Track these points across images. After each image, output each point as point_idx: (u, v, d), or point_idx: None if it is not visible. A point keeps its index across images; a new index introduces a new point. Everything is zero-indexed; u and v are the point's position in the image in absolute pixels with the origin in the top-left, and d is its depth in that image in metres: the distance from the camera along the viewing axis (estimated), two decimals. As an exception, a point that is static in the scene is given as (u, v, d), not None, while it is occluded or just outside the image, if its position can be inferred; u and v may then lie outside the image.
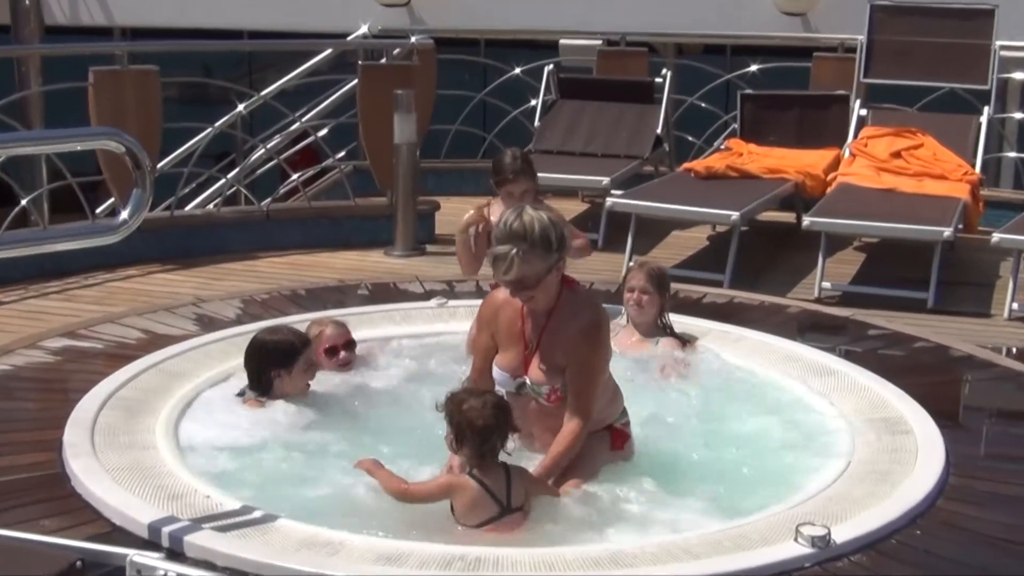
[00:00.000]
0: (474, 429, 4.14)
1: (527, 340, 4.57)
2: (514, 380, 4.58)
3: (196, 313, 6.55)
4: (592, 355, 4.49)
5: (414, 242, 8.52)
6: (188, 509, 4.11)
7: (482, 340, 4.73)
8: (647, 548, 3.93)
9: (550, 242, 4.38)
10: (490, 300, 4.75)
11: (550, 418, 4.55)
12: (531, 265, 4.36)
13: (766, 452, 4.89)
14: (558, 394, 4.51)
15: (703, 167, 8.94)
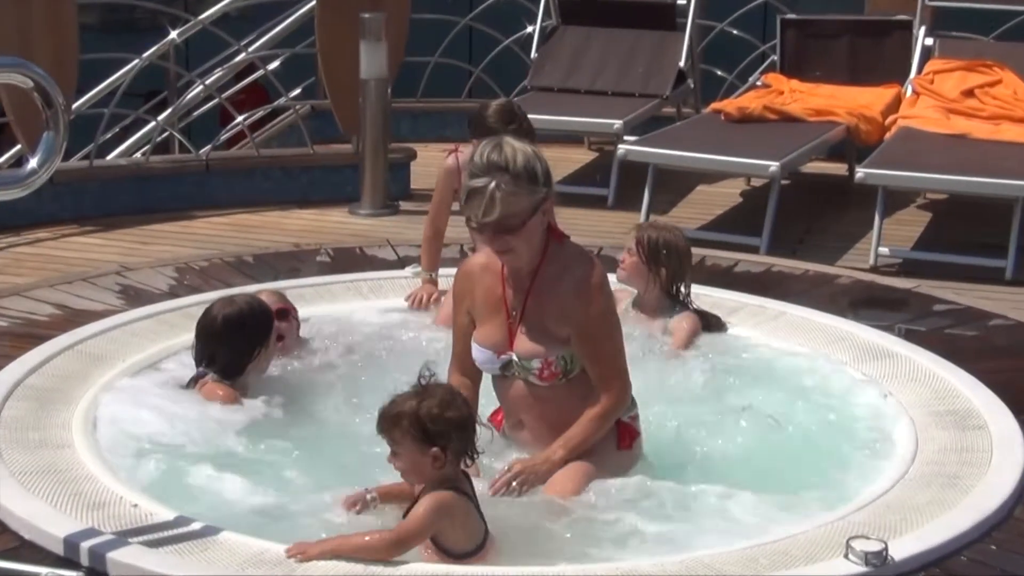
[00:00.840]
0: (456, 424, 4.09)
1: (509, 307, 4.58)
2: (499, 358, 4.59)
3: (120, 284, 6.55)
4: (595, 312, 4.48)
5: (384, 198, 8.53)
6: (112, 520, 4.11)
7: (460, 320, 4.73)
8: (667, 567, 3.95)
9: (535, 174, 4.37)
10: (464, 270, 4.75)
11: (544, 403, 4.57)
12: (513, 201, 4.32)
13: (810, 452, 4.91)
14: (552, 369, 4.52)
15: (735, 108, 8.93)
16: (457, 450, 4.01)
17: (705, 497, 4.50)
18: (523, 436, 4.68)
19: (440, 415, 3.98)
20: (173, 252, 7.40)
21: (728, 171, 8.66)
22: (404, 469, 4.04)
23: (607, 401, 4.52)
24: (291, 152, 9.26)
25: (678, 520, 4.36)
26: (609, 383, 4.52)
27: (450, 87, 11.09)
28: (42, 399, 5.04)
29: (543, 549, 4.19)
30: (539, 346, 4.52)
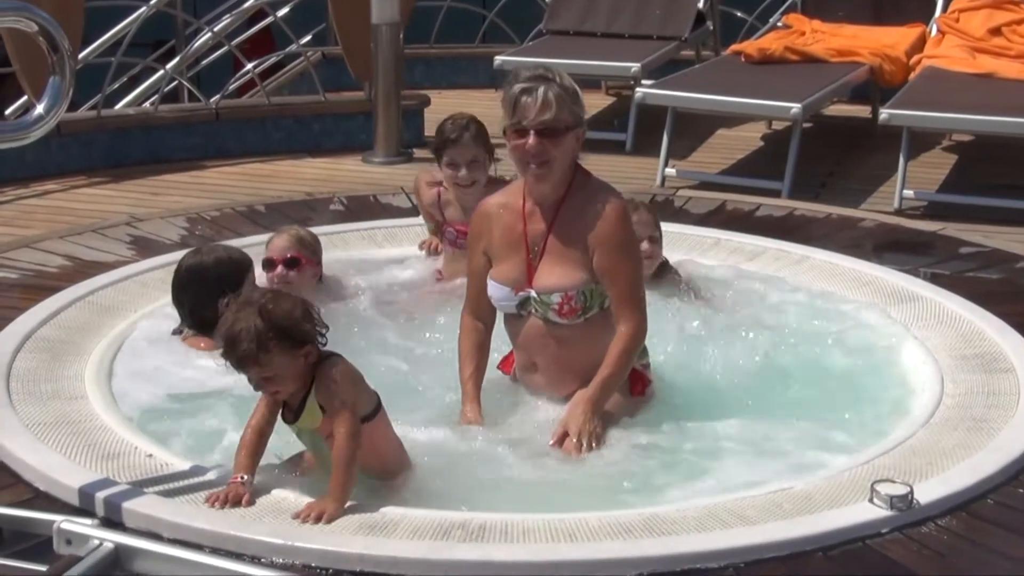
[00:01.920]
0: (304, 312, 3.97)
1: (530, 243, 4.60)
2: (516, 295, 4.61)
3: (131, 235, 6.58)
4: (619, 238, 4.53)
5: (398, 146, 8.53)
6: (126, 471, 4.14)
7: (475, 260, 4.76)
8: (688, 512, 3.96)
9: (578, 96, 4.50)
10: (481, 210, 4.78)
11: (559, 344, 4.59)
12: (561, 106, 4.44)
13: (833, 396, 4.92)
14: (572, 304, 4.55)
15: (756, 49, 8.90)
16: (315, 335, 3.97)
17: (725, 443, 4.53)
18: (536, 379, 4.71)
19: (291, 312, 3.92)
20: (184, 202, 7.40)
21: (749, 114, 8.64)
22: (283, 384, 3.95)
23: (628, 332, 4.53)
24: (302, 100, 9.25)
25: (697, 466, 4.39)
26: (629, 312, 4.53)
27: (464, 32, 11.05)
28: (54, 351, 5.07)
29: (562, 498, 4.21)
30: (559, 280, 4.55)
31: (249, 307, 3.92)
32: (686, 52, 9.82)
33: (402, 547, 3.73)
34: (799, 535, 3.83)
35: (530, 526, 3.88)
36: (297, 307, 3.95)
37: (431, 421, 4.61)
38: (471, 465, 4.38)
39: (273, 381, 3.94)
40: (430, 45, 10.73)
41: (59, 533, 2.65)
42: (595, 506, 4.11)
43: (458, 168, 5.80)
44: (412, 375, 5.00)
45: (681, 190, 7.66)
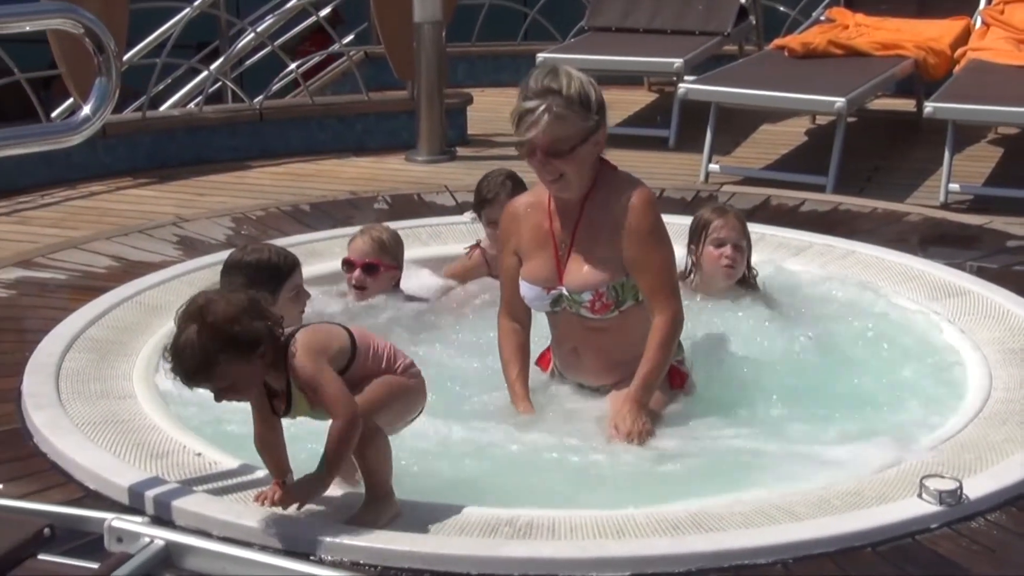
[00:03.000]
0: (249, 310, 3.67)
1: (558, 241, 4.60)
2: (548, 294, 4.60)
3: (177, 235, 6.61)
4: (646, 226, 4.49)
5: (441, 144, 8.53)
6: (175, 469, 4.17)
7: (507, 261, 4.76)
8: (736, 508, 3.95)
9: (588, 101, 4.39)
10: (509, 210, 4.78)
11: (598, 334, 4.59)
12: (565, 125, 4.34)
13: (881, 391, 4.90)
14: (603, 300, 4.54)
15: (799, 44, 8.87)
16: (269, 330, 3.67)
17: (769, 438, 4.51)
18: (577, 368, 4.72)
19: (235, 315, 3.60)
20: (229, 203, 7.43)
21: (793, 108, 8.59)
22: (244, 391, 3.73)
23: (663, 323, 4.50)
24: (346, 100, 9.26)
25: (742, 461, 4.38)
26: (663, 303, 4.51)
27: (505, 30, 11.05)
28: (102, 350, 5.10)
29: (607, 494, 4.21)
30: (589, 278, 4.54)
31: (189, 317, 3.62)
32: (729, 47, 9.79)
33: (449, 544, 3.74)
34: (848, 531, 3.82)
35: (577, 523, 3.88)
36: (240, 306, 3.63)
37: (475, 418, 4.62)
38: (517, 462, 4.38)
39: (232, 390, 3.70)
40: (472, 43, 10.74)
41: (110, 531, 2.66)
42: (641, 502, 4.10)
43: (497, 226, 5.75)
44: (457, 372, 5.00)
45: (725, 186, 7.63)
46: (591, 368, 4.70)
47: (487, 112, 9.27)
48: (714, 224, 5.45)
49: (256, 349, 3.63)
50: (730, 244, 5.41)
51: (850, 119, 8.02)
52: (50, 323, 5.30)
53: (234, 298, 3.68)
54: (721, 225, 5.44)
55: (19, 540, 2.57)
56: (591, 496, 4.20)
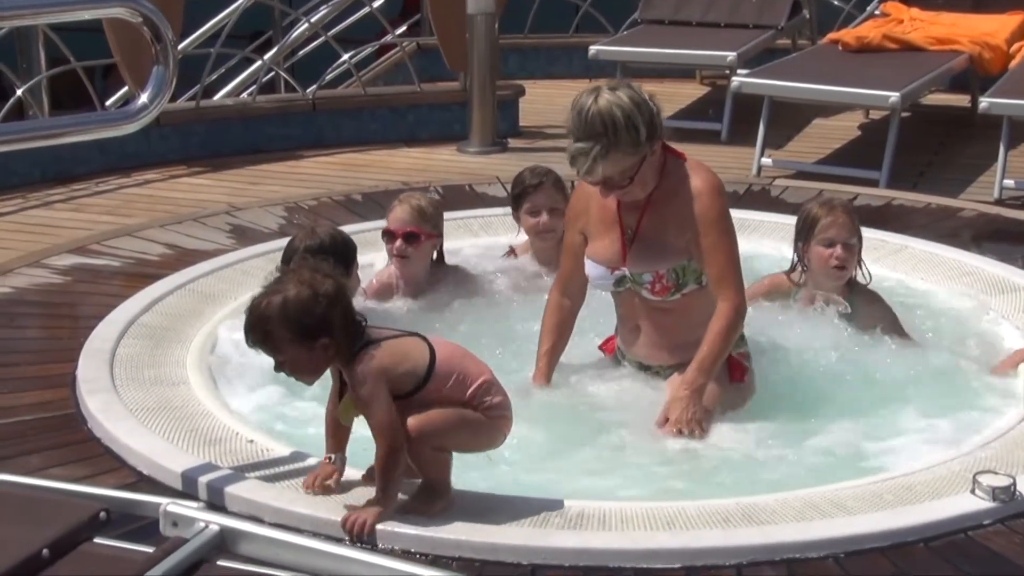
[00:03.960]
0: (332, 301, 3.67)
1: (624, 224, 4.62)
2: (612, 274, 4.63)
3: (230, 223, 6.65)
4: (713, 214, 4.51)
5: (493, 136, 8.53)
6: (228, 456, 4.20)
7: (571, 238, 4.82)
8: (788, 501, 3.94)
9: (637, 132, 4.37)
10: (580, 191, 4.82)
11: (661, 314, 4.61)
12: (618, 162, 4.40)
13: (933, 386, 4.86)
14: (664, 283, 4.56)
15: (853, 38, 8.82)
16: (343, 326, 3.68)
17: (825, 431, 4.51)
18: (638, 346, 4.73)
19: (310, 305, 3.63)
20: (281, 192, 7.47)
21: (847, 102, 8.55)
22: (299, 373, 3.79)
23: (726, 311, 4.50)
24: (398, 90, 9.28)
25: (795, 455, 4.37)
26: (726, 290, 4.51)
27: (558, 22, 11.03)
28: (156, 337, 5.14)
29: (663, 484, 4.21)
30: (652, 260, 4.56)
31: (277, 288, 3.69)
32: (782, 41, 9.76)
33: (500, 533, 3.74)
34: (901, 526, 3.81)
35: (628, 513, 3.88)
36: (325, 294, 3.65)
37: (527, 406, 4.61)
38: (569, 451, 4.39)
39: (287, 367, 3.75)
40: (524, 35, 10.72)
41: (165, 515, 2.67)
42: (692, 493, 4.11)
43: (539, 214, 5.70)
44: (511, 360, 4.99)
45: (777, 180, 7.60)
46: (652, 346, 4.71)
47: (539, 104, 9.27)
48: (823, 222, 5.20)
49: (318, 340, 3.65)
50: (840, 244, 5.16)
51: (904, 114, 7.96)
52: (104, 309, 5.35)
53: (325, 283, 3.69)
54: (830, 223, 5.19)
55: (76, 523, 2.58)
56: (642, 487, 4.20)
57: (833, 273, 5.18)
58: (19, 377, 4.97)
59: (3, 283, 5.86)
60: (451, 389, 3.80)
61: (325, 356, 3.70)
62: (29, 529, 2.50)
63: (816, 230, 5.19)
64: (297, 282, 3.68)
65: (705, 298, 4.56)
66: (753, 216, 6.47)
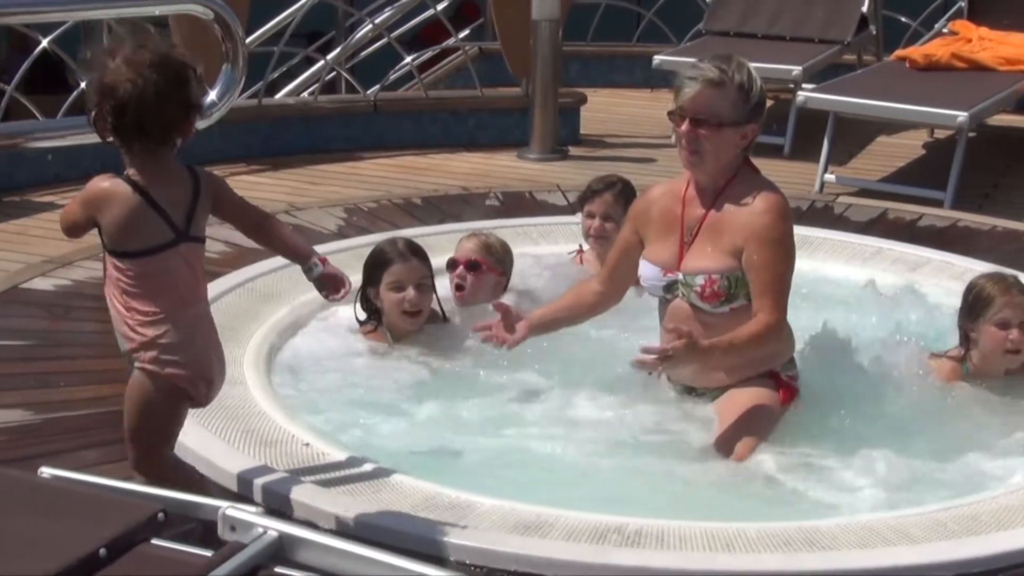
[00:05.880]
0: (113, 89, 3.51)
1: (685, 228, 4.58)
2: (664, 276, 4.59)
3: (289, 223, 6.60)
4: (776, 234, 4.46)
5: (554, 143, 8.49)
6: (284, 458, 4.17)
7: (625, 234, 4.81)
8: (850, 527, 3.88)
9: (749, 93, 4.44)
10: (645, 193, 4.83)
11: (704, 327, 4.50)
12: (718, 97, 4.40)
13: (998, 414, 4.79)
14: (715, 288, 4.49)
15: (921, 56, 8.73)
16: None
17: (881, 457, 4.43)
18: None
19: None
20: (341, 193, 7.46)
21: (913, 121, 8.45)
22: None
23: (762, 319, 4.41)
24: (459, 94, 9.26)
25: (853, 479, 4.31)
26: (769, 306, 4.42)
27: (620, 31, 10.99)
28: (214, 336, 5.11)
29: (714, 505, 4.16)
30: (706, 263, 4.51)
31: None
32: (848, 56, 9.67)
33: (557, 548, 3.70)
34: (966, 556, 3.74)
35: (687, 533, 3.82)
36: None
37: (582, 426, 4.58)
38: (626, 467, 4.35)
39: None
40: (586, 43, 10.69)
41: (224, 519, 2.64)
42: (748, 514, 4.06)
43: (594, 219, 5.76)
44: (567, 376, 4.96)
45: (841, 197, 7.53)
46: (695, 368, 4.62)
47: (600, 112, 9.23)
48: (998, 302, 4.92)
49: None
50: (1016, 326, 4.90)
51: (971, 134, 7.87)
52: (163, 306, 5.32)
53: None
54: (1006, 303, 4.91)
55: (134, 523, 2.55)
56: (698, 505, 4.15)
57: (1007, 357, 4.94)
58: (76, 371, 4.97)
59: (63, 275, 5.87)
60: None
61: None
62: (87, 528, 2.48)
63: (990, 310, 4.93)
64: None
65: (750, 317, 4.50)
66: (816, 233, 6.40)
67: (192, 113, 3.64)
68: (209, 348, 3.75)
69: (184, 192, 3.67)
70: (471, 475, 4.18)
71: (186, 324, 3.66)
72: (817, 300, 5.53)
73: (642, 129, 8.98)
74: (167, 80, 3.52)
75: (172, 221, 3.62)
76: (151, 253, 3.60)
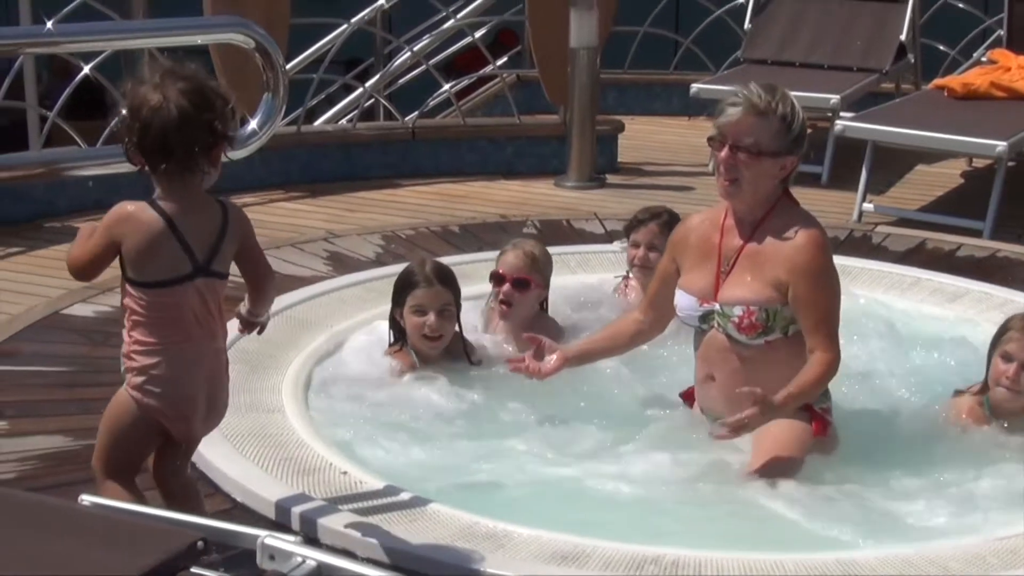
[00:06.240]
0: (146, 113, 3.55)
1: (722, 257, 4.57)
2: (701, 306, 4.58)
3: (328, 250, 6.66)
4: (818, 265, 4.45)
5: (592, 171, 8.50)
6: (322, 487, 4.19)
7: (664, 264, 4.82)
8: (886, 559, 3.87)
9: (789, 123, 4.44)
10: (684, 223, 4.84)
11: (740, 361, 4.53)
12: (760, 125, 4.39)
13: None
14: (752, 320, 4.48)
15: (960, 84, 8.69)
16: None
17: (922, 489, 4.43)
18: (712, 394, 4.65)
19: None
20: (379, 220, 7.49)
21: (952, 150, 8.41)
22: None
23: (822, 360, 4.40)
24: (497, 122, 9.28)
25: (889, 512, 4.30)
26: (823, 343, 4.42)
27: (658, 59, 11.00)
28: (252, 363, 5.13)
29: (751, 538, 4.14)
30: (744, 294, 4.50)
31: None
32: (886, 85, 9.64)
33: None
34: (1005, 590, 3.72)
35: (723, 564, 3.83)
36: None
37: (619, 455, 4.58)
38: (662, 498, 4.34)
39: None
40: (624, 71, 10.70)
41: (263, 548, 2.65)
42: (785, 545, 4.05)
43: (639, 248, 5.80)
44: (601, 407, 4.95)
45: (879, 226, 7.51)
46: (728, 400, 4.59)
47: (637, 140, 9.24)
48: (1009, 334, 4.80)
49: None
50: (1018, 362, 4.75)
51: (1010, 163, 7.83)
52: (202, 333, 5.35)
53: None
54: (1015, 336, 4.77)
55: (175, 551, 2.57)
56: (735, 538, 4.14)
57: (1003, 393, 4.78)
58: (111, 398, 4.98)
59: (103, 302, 5.91)
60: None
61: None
62: (129, 555, 2.49)
63: (1001, 341, 4.82)
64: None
65: (785, 353, 4.49)
66: (854, 263, 6.37)
67: (220, 140, 3.62)
68: (197, 389, 3.70)
69: (210, 225, 3.66)
70: (508, 505, 4.18)
71: (181, 360, 3.65)
72: (854, 331, 5.49)
73: (680, 157, 8.98)
74: (191, 102, 3.53)
75: (193, 253, 3.61)
76: (165, 285, 3.61)
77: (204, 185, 3.69)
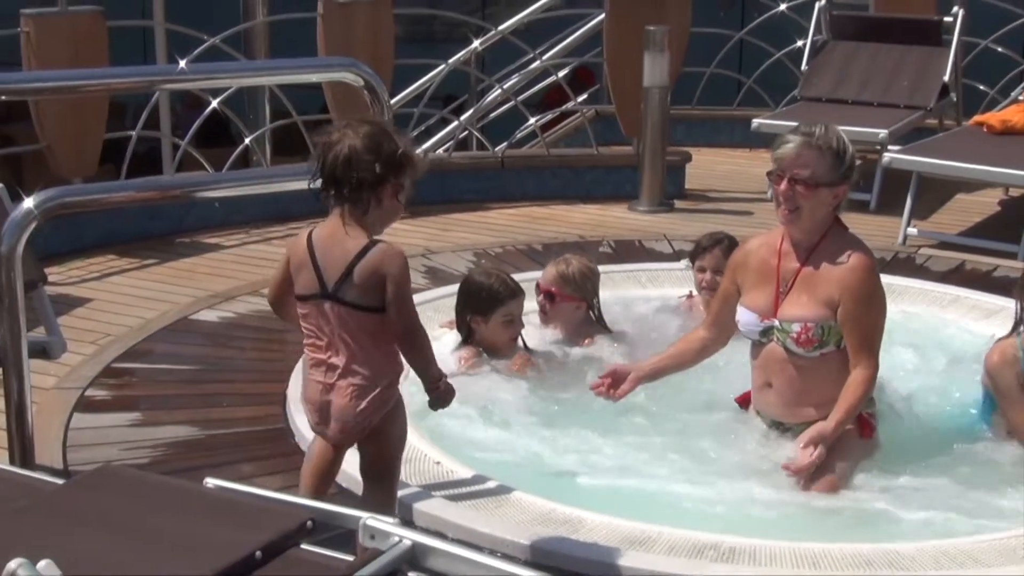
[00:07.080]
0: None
1: (781, 279, 4.55)
2: (761, 322, 4.55)
3: (425, 265, 6.71)
4: (867, 288, 4.43)
5: (662, 197, 8.49)
6: (417, 475, 4.22)
7: (725, 285, 4.78)
8: (926, 550, 3.83)
9: (841, 156, 4.42)
10: (743, 246, 4.81)
11: (796, 370, 4.50)
12: (811, 159, 4.37)
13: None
14: (809, 335, 4.46)
15: (998, 120, 8.59)
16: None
17: (954, 488, 4.37)
18: (769, 399, 4.62)
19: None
20: (471, 239, 7.52)
21: (990, 180, 8.32)
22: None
23: (862, 378, 4.39)
24: (577, 152, 9.28)
25: (929, 507, 4.23)
26: (864, 360, 4.40)
27: (723, 96, 10.96)
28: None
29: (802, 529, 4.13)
30: (802, 312, 4.48)
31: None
32: (930, 121, 9.54)
33: (660, 562, 3.70)
34: (1034, 580, 3.67)
35: (776, 552, 3.81)
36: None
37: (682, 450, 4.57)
38: (721, 491, 4.32)
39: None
40: (692, 107, 10.67)
41: (364, 528, 2.68)
42: (833, 536, 4.03)
43: (704, 272, 5.79)
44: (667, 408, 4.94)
45: (922, 249, 7.43)
46: (784, 405, 4.60)
47: (703, 170, 9.21)
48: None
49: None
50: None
51: (1043, 193, 7.75)
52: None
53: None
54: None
55: (286, 529, 2.60)
56: (787, 529, 4.12)
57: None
58: (236, 393, 5.07)
59: (226, 308, 5.99)
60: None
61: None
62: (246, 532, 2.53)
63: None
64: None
65: (838, 363, 4.47)
66: (899, 282, 6.32)
67: (385, 184, 3.59)
68: (307, 399, 3.79)
69: (344, 257, 3.62)
70: (582, 493, 4.19)
71: (307, 368, 3.77)
72: (899, 343, 5.45)
73: (741, 185, 8.95)
74: (364, 146, 3.55)
75: (323, 278, 3.64)
76: (301, 299, 3.68)
77: (382, 220, 3.67)
